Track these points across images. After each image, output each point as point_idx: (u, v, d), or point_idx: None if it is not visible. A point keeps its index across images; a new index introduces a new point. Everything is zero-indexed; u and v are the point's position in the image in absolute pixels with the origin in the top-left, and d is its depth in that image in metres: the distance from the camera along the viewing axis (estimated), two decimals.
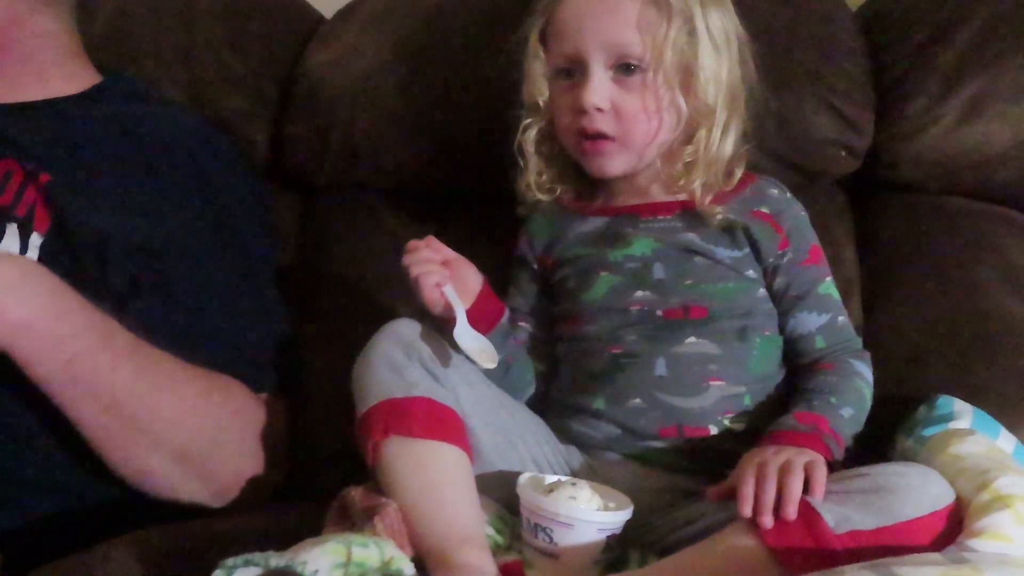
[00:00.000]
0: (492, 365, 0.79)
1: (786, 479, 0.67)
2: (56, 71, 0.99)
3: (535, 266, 0.92)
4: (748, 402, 0.82)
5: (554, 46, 0.86)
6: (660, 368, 0.81)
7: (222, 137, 1.05)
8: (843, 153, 1.01)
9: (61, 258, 0.88)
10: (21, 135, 0.93)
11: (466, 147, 1.05)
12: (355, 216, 1.10)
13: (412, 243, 0.80)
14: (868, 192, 1.05)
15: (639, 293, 0.84)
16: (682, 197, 0.87)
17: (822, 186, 1.03)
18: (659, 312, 0.84)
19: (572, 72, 0.85)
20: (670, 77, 0.82)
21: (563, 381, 0.88)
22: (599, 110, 0.82)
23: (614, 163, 0.85)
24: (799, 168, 1.01)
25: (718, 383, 0.81)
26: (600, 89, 0.82)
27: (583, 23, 0.82)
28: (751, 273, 0.85)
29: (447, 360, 0.79)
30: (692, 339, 0.82)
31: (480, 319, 0.81)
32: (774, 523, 0.65)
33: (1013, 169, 0.99)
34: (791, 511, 0.65)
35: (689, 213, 0.86)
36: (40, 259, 0.87)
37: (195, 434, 0.85)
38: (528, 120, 0.90)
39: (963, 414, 0.82)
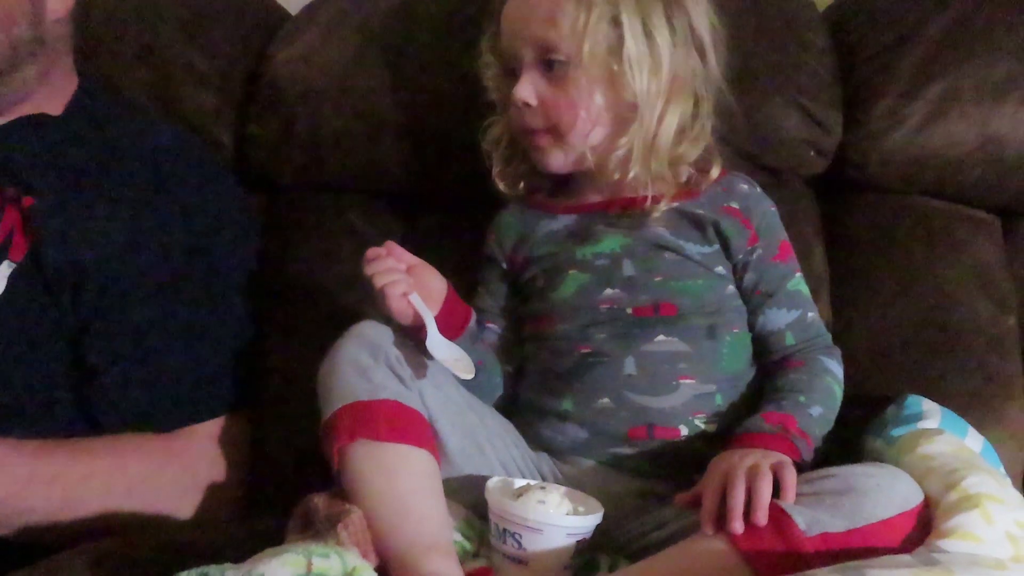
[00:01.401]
0: (469, 376, 0.78)
1: (755, 483, 0.66)
2: (67, 81, 0.99)
3: (504, 265, 0.91)
4: (720, 401, 0.81)
5: (499, 47, 0.88)
6: (629, 367, 0.81)
7: (202, 148, 1.04)
8: (812, 152, 1.01)
9: (31, 288, 0.88)
10: (9, 156, 0.91)
11: (434, 146, 1.03)
12: (320, 217, 1.08)
13: (372, 251, 0.79)
14: (837, 191, 1.05)
15: (608, 291, 0.84)
16: (650, 193, 0.85)
17: (791, 185, 1.03)
18: (629, 310, 0.83)
19: (513, 71, 0.86)
20: (593, 70, 0.81)
21: (530, 382, 0.87)
22: (527, 105, 0.83)
23: (553, 158, 0.86)
24: (768, 167, 1.01)
25: (688, 381, 0.81)
26: (527, 85, 0.83)
27: (514, 23, 0.85)
28: (720, 269, 0.85)
29: (414, 362, 0.78)
30: (661, 337, 0.82)
31: (448, 325, 0.80)
32: (745, 526, 0.65)
33: (979, 169, 1.00)
34: (761, 517, 0.65)
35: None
36: (9, 287, 0.87)
37: (81, 519, 0.84)
38: (493, 118, 0.91)
39: (932, 414, 0.82)
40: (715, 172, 0.87)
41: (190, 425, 0.91)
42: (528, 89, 0.83)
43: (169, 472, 0.89)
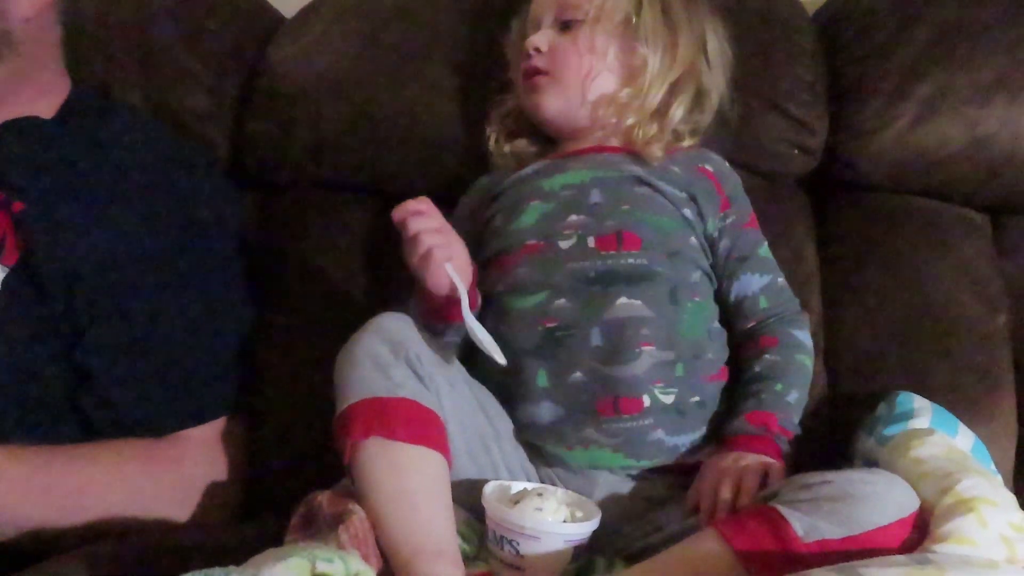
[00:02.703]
0: (504, 362, 0.77)
1: (743, 478, 0.71)
2: (58, 84, 0.97)
3: (469, 224, 0.90)
4: (680, 372, 0.81)
5: (527, 21, 0.94)
6: (595, 338, 0.80)
7: (195, 150, 1.03)
8: (795, 151, 1.01)
9: (24, 292, 0.87)
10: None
11: (432, 145, 1.03)
12: (318, 216, 1.07)
13: (413, 204, 0.76)
14: (828, 192, 1.06)
15: (573, 217, 0.85)
16: (639, 143, 0.89)
17: (783, 186, 1.04)
18: (591, 242, 0.83)
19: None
20: (610, 30, 0.88)
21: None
22: (537, 50, 0.89)
23: (548, 99, 0.89)
24: (757, 169, 1.01)
25: (649, 348, 0.80)
26: (543, 35, 0.90)
27: None
28: (687, 213, 0.86)
29: (434, 360, 0.77)
30: (623, 300, 0.81)
31: (473, 303, 0.79)
32: (743, 529, 0.65)
33: (969, 168, 1.00)
34: (745, 500, 0.68)
35: (636, 155, 0.89)
36: (2, 292, 0.87)
37: (78, 526, 0.84)
38: (505, 95, 0.96)
39: (923, 411, 0.83)
40: (687, 143, 0.92)
41: (186, 429, 0.91)
42: (541, 38, 0.89)
43: (167, 478, 0.89)
